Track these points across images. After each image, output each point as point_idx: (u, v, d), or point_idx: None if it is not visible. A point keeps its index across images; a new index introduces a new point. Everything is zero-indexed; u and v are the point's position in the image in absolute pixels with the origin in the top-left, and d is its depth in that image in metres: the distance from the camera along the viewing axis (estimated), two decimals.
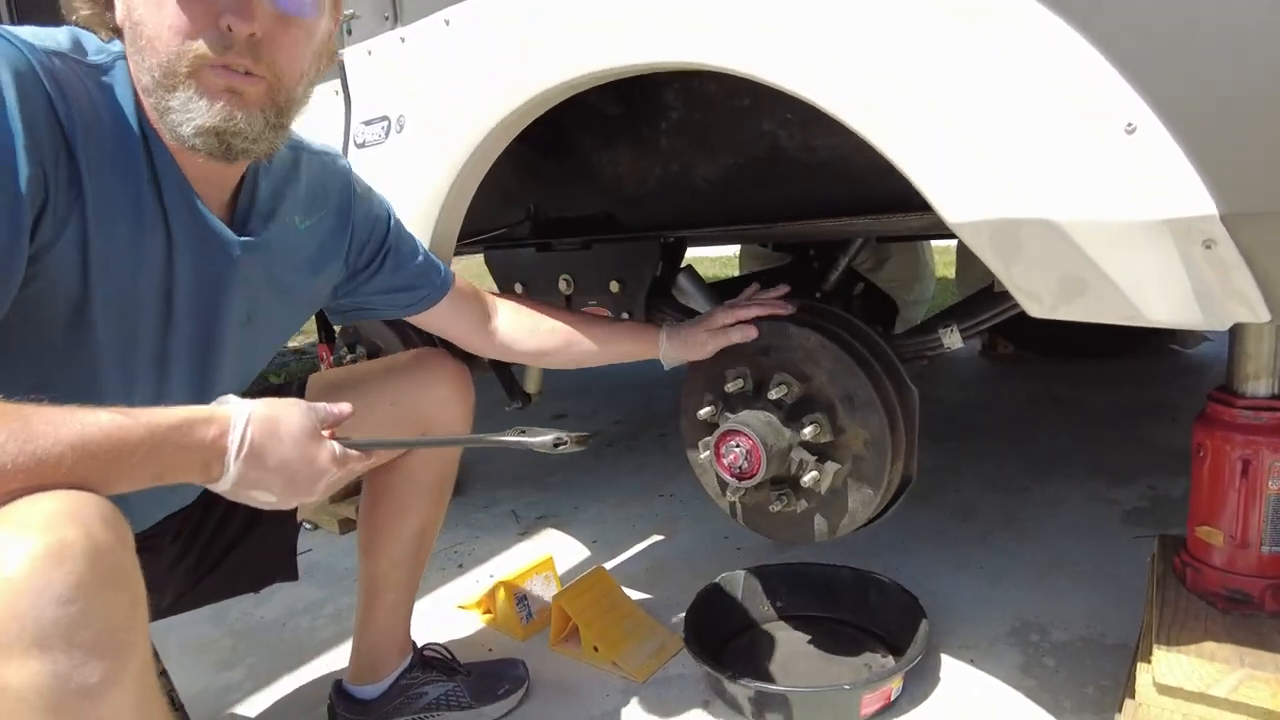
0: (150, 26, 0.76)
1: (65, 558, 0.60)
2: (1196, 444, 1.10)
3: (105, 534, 0.64)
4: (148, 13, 0.75)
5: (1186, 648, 1.01)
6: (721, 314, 1.29)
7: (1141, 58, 0.68)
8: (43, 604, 0.59)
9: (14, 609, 0.58)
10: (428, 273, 1.19)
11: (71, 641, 0.60)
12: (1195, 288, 0.71)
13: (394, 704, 1.31)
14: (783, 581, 1.59)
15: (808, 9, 0.84)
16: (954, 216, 0.79)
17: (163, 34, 0.75)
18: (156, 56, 0.76)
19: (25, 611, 0.59)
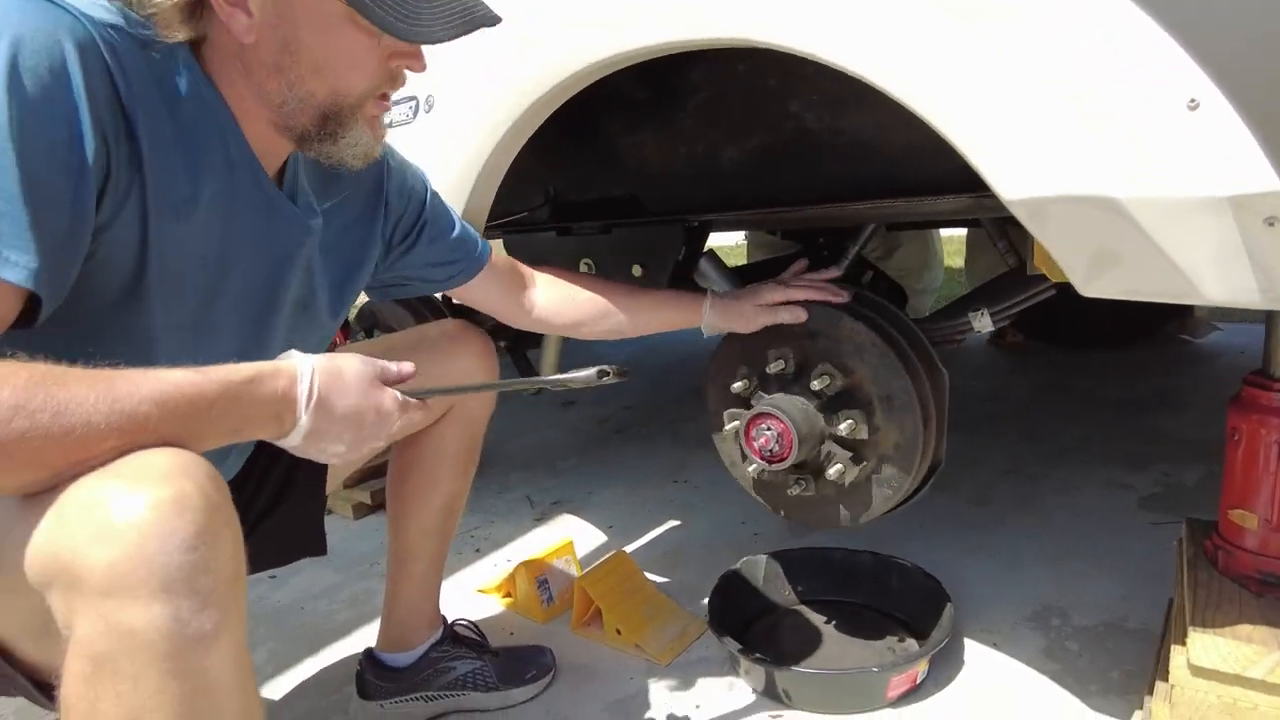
0: (318, 54, 0.79)
1: (187, 507, 0.62)
2: (1231, 427, 1.10)
3: (213, 487, 0.65)
4: (316, 41, 0.78)
5: (1221, 630, 1.01)
6: (772, 291, 1.28)
7: (1204, 32, 0.67)
8: (169, 550, 0.60)
9: (143, 553, 0.60)
10: (465, 245, 1.18)
11: (193, 588, 0.61)
12: (1254, 266, 0.70)
13: (423, 675, 1.31)
14: (804, 566, 1.59)
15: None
16: (1010, 194, 0.78)
17: (339, 66, 0.80)
18: (325, 83, 0.80)
19: (153, 556, 0.60)
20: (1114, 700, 1.25)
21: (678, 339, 3.95)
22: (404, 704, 1.31)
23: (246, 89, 0.82)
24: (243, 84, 0.81)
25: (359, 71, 0.82)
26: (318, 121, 0.83)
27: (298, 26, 0.78)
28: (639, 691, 1.36)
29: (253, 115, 0.83)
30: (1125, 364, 3.04)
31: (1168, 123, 0.69)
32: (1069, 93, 0.73)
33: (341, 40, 0.79)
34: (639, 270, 1.56)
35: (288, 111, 0.82)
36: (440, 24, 0.80)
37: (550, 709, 1.33)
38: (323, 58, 0.80)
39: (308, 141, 0.85)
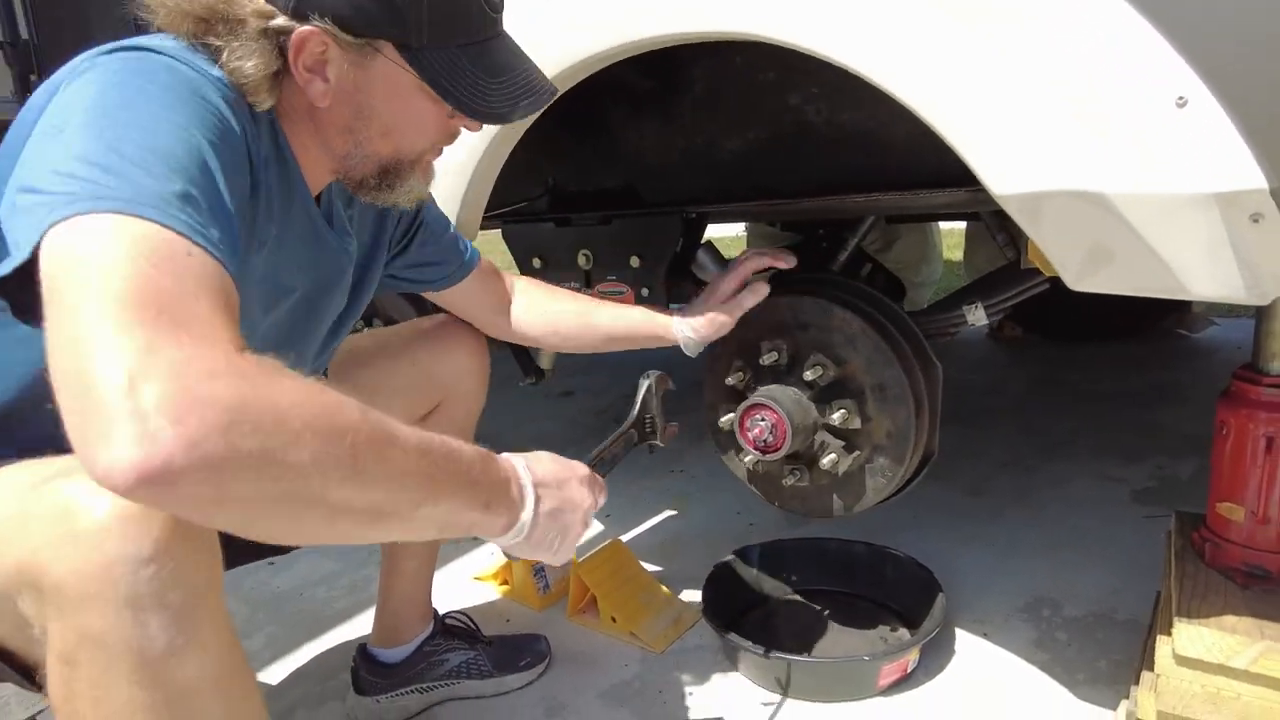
0: (388, 120, 0.83)
1: (152, 517, 0.60)
2: (1220, 421, 1.11)
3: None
4: (389, 109, 0.83)
5: (1206, 620, 1.03)
6: (725, 281, 1.25)
7: (1194, 30, 0.68)
8: (134, 564, 0.59)
9: (110, 569, 0.59)
10: (456, 248, 1.20)
11: (162, 601, 0.60)
12: (1239, 262, 0.71)
13: (417, 669, 1.33)
14: (798, 556, 1.61)
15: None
16: (1000, 189, 0.79)
17: (407, 130, 0.85)
18: (390, 143, 0.85)
19: (120, 571, 0.59)
20: (1101, 690, 1.27)
21: None
22: (400, 697, 1.32)
23: (312, 141, 0.86)
24: (309, 136, 0.85)
25: (424, 135, 0.88)
26: (377, 174, 0.88)
27: (372, 95, 0.82)
28: (634, 678, 1.38)
29: (313, 160, 0.88)
30: (1123, 358, 3.05)
31: (1156, 120, 0.70)
32: (1059, 89, 0.74)
33: (412, 108, 0.83)
34: (637, 261, 1.56)
35: (350, 164, 0.87)
36: (507, 102, 0.84)
37: (546, 696, 1.35)
38: (392, 123, 0.84)
39: (364, 189, 0.90)
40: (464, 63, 0.81)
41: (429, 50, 0.79)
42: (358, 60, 0.79)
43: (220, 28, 0.75)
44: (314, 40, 0.77)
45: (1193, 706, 0.97)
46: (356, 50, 0.78)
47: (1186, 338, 3.24)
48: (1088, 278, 0.84)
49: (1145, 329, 3.21)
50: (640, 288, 1.58)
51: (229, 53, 0.75)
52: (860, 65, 0.86)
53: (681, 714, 1.28)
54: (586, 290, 1.63)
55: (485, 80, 0.82)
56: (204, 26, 0.76)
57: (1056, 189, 0.76)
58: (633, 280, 1.59)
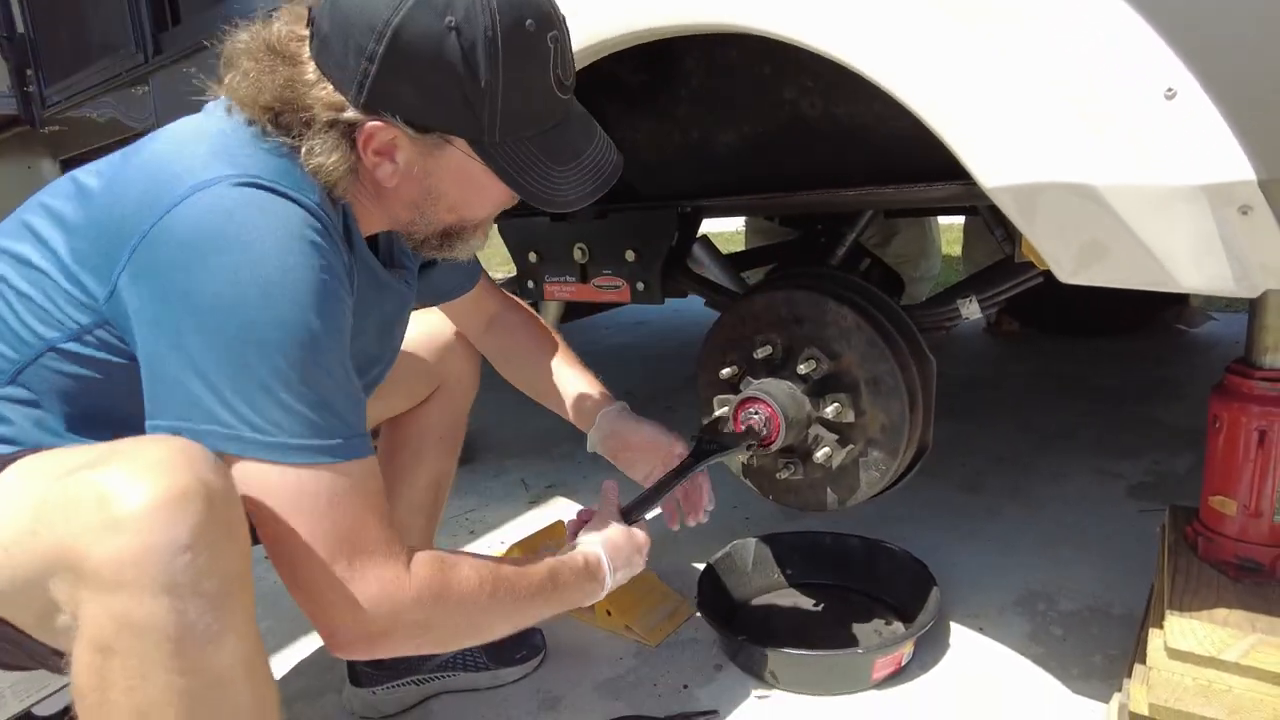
0: (455, 199, 0.86)
1: (191, 500, 0.62)
2: (1213, 415, 1.11)
3: (216, 478, 0.65)
4: (457, 190, 0.85)
5: (1198, 614, 1.03)
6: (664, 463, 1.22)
7: (1183, 22, 0.68)
8: (173, 551, 0.60)
9: (146, 551, 0.60)
10: (472, 261, 1.20)
11: (198, 589, 0.62)
12: (1228, 254, 0.71)
13: (412, 661, 1.33)
14: (794, 549, 1.61)
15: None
16: (990, 181, 0.79)
17: (472, 204, 0.88)
18: (455, 215, 0.88)
19: (159, 557, 0.60)
20: (1095, 684, 1.27)
21: (675, 326, 3.96)
22: (396, 689, 1.32)
23: (375, 207, 0.88)
24: (371, 203, 0.88)
25: (488, 207, 0.90)
26: (439, 237, 0.91)
27: (440, 179, 0.84)
28: (628, 672, 1.38)
29: (374, 221, 0.91)
30: (1120, 353, 3.05)
31: (1145, 112, 0.70)
32: (1047, 81, 0.74)
33: (478, 188, 0.85)
34: (632, 255, 1.57)
35: (413, 230, 0.90)
36: (574, 189, 0.86)
37: (541, 688, 1.35)
38: (459, 201, 0.87)
39: (425, 247, 0.92)
40: (533, 152, 0.82)
41: (499, 143, 0.81)
42: (427, 150, 0.81)
43: (289, 117, 0.78)
44: (383, 131, 0.79)
45: (1184, 699, 0.98)
46: (426, 142, 0.80)
47: (1184, 333, 3.24)
48: (1079, 271, 0.84)
49: (1143, 324, 3.21)
50: (636, 282, 1.58)
51: (306, 151, 0.78)
52: (848, 56, 0.86)
53: (676, 707, 1.28)
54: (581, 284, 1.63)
55: (554, 168, 0.84)
56: (273, 115, 0.78)
57: (1046, 181, 0.76)
58: (628, 275, 1.59)
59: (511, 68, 0.76)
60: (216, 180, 0.72)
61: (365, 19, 0.74)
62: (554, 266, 1.68)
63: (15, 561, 0.65)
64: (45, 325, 0.77)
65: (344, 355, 0.77)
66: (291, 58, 0.79)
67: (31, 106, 2.89)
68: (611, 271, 1.62)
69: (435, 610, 0.77)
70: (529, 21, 0.76)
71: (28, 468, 0.71)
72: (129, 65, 2.31)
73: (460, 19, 0.73)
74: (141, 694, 0.61)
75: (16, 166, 3.24)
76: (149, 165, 0.77)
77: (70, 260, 0.76)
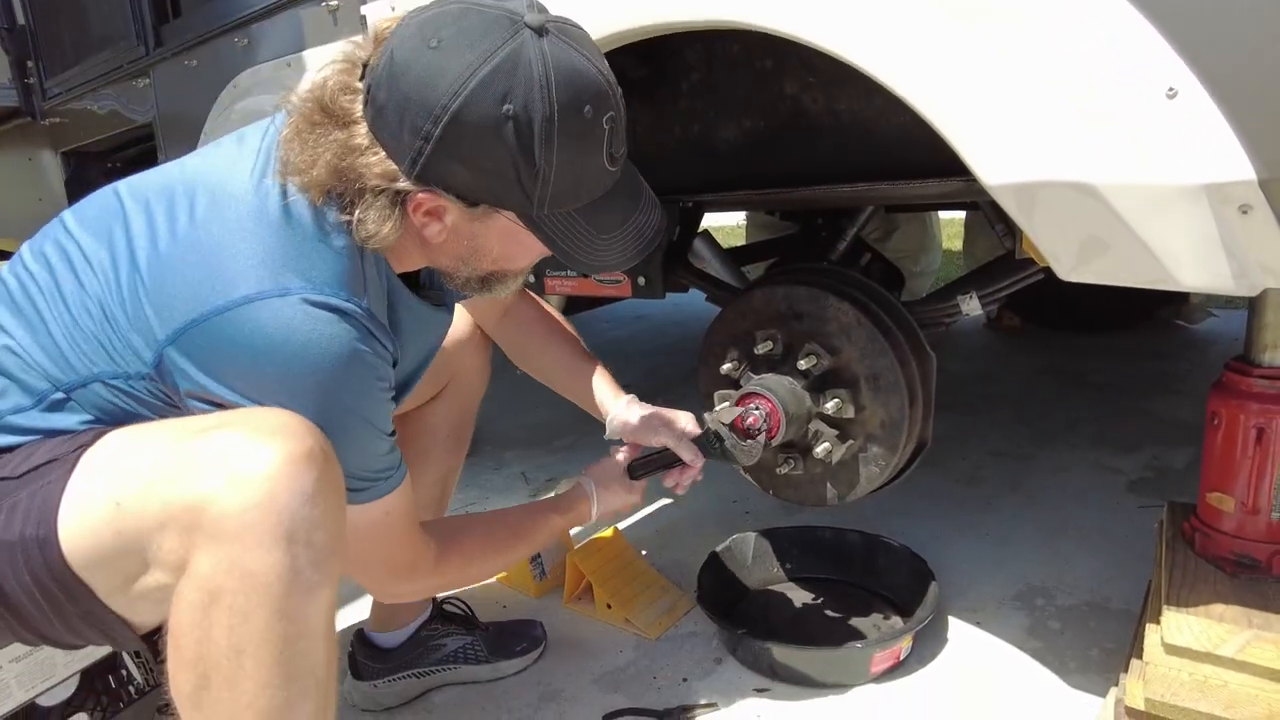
0: (499, 254, 0.87)
1: (313, 463, 0.69)
2: (1211, 412, 1.11)
3: (327, 447, 0.72)
4: (502, 248, 0.87)
5: (1195, 609, 1.04)
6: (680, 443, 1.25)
7: (1185, 21, 0.68)
8: (297, 502, 0.67)
9: (274, 503, 0.66)
10: None
11: (310, 540, 0.68)
12: (1227, 253, 0.72)
13: (413, 654, 1.34)
14: (793, 544, 1.61)
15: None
16: (991, 179, 0.79)
17: (516, 259, 0.89)
18: (496, 267, 0.89)
19: (283, 507, 0.67)
20: (1092, 678, 1.28)
21: (675, 321, 3.96)
22: (397, 682, 1.33)
23: (419, 253, 0.89)
24: (416, 251, 0.89)
25: (530, 259, 0.91)
26: (480, 281, 0.91)
27: (487, 240, 0.85)
28: (628, 664, 1.39)
29: (416, 261, 0.92)
30: (1120, 349, 3.05)
31: (1147, 111, 0.70)
32: (1049, 80, 0.74)
33: (524, 245, 0.86)
34: None
35: (454, 275, 0.90)
36: (617, 256, 0.87)
37: (541, 681, 1.36)
38: (502, 256, 0.88)
39: (466, 287, 0.92)
40: (579, 223, 0.83)
41: (548, 216, 0.81)
42: (475, 216, 0.82)
43: (343, 187, 0.78)
44: (434, 200, 0.80)
45: (1180, 694, 0.98)
46: (476, 211, 0.81)
47: (1184, 329, 3.24)
48: (1079, 268, 0.84)
49: (1143, 320, 3.21)
50: (637, 277, 1.58)
51: (359, 221, 0.78)
52: (851, 54, 0.86)
53: (675, 700, 1.29)
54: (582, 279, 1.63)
55: (599, 237, 0.84)
56: (328, 189, 0.79)
57: (1047, 179, 0.76)
58: (630, 269, 1.59)
59: (566, 151, 0.76)
60: (274, 294, 0.76)
61: (424, 100, 0.73)
62: (555, 261, 1.68)
63: (126, 519, 0.69)
64: (97, 359, 0.80)
65: (383, 420, 0.86)
66: (344, 117, 0.78)
67: (32, 98, 2.89)
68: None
69: (453, 576, 1.02)
70: (587, 108, 0.75)
71: (135, 435, 0.76)
72: (130, 58, 2.31)
73: (519, 107, 0.73)
74: (242, 633, 0.67)
75: (17, 158, 3.24)
76: (207, 247, 0.78)
77: (118, 309, 0.79)
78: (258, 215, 0.79)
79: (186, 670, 0.68)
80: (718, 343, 1.39)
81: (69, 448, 0.76)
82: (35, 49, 2.82)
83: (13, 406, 0.81)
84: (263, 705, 0.68)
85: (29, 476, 0.75)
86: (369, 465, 0.85)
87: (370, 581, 0.97)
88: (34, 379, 0.80)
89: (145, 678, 1.13)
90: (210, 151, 0.88)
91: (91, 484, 0.72)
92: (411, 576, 0.97)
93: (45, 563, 0.72)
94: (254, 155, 0.84)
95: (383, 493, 0.87)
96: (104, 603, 0.74)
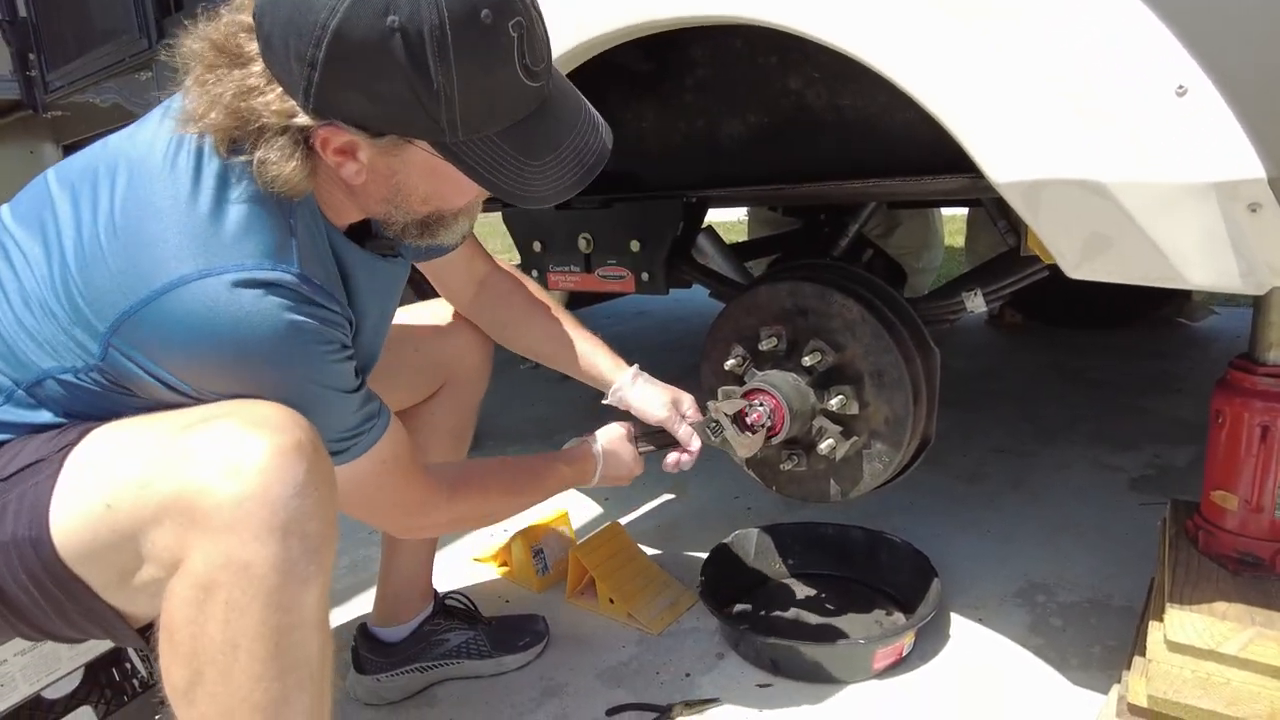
0: (427, 191, 0.82)
1: (304, 454, 0.69)
2: (1215, 410, 1.11)
3: (317, 439, 0.72)
4: (427, 185, 0.81)
5: (1198, 607, 1.04)
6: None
7: (1195, 19, 0.68)
8: (290, 493, 0.67)
9: (267, 495, 0.66)
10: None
11: (304, 531, 0.68)
12: (1235, 251, 0.72)
13: (416, 649, 1.34)
14: (796, 540, 1.62)
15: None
16: (999, 176, 0.79)
17: (448, 195, 0.84)
18: (429, 207, 0.85)
19: (277, 497, 0.66)
20: (1094, 674, 1.28)
21: (676, 316, 3.96)
22: (400, 676, 1.33)
23: (349, 202, 0.85)
24: (345, 199, 0.85)
25: (466, 195, 0.86)
26: (418, 226, 0.87)
27: (408, 175, 0.80)
28: (631, 659, 1.39)
29: (350, 213, 0.88)
30: (1122, 346, 3.05)
31: (1156, 108, 0.70)
32: (1059, 77, 0.74)
33: (450, 182, 0.80)
34: (637, 245, 1.57)
35: (390, 221, 0.86)
36: (551, 184, 0.80)
37: (544, 675, 1.36)
38: (432, 194, 0.83)
39: (406, 236, 0.88)
40: (503, 150, 0.76)
41: (464, 143, 0.75)
42: (388, 149, 0.77)
43: (241, 132, 0.75)
44: (339, 134, 0.75)
45: (1183, 691, 0.99)
46: (386, 143, 0.76)
47: (1187, 326, 3.24)
48: (1085, 266, 0.84)
49: (1146, 317, 3.21)
50: (640, 272, 1.58)
51: (260, 162, 0.74)
52: (859, 50, 0.86)
53: (678, 694, 1.29)
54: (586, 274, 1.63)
55: (528, 163, 0.78)
56: (227, 133, 0.75)
57: (1056, 177, 0.76)
58: (633, 265, 1.59)
59: (467, 65, 0.69)
60: (194, 278, 0.73)
61: (304, 21, 0.68)
62: (558, 256, 1.68)
63: (118, 515, 0.69)
64: (42, 356, 0.77)
65: (343, 380, 0.83)
66: (238, 56, 0.75)
67: (34, 91, 2.88)
68: (616, 261, 1.61)
69: (469, 510, 1.04)
70: (484, 12, 0.68)
71: (120, 431, 0.75)
72: (132, 50, 2.30)
73: (404, 18, 0.66)
74: (236, 626, 0.66)
75: (19, 151, 3.23)
76: (127, 233, 0.75)
77: (55, 304, 0.76)
78: (172, 193, 0.75)
79: (181, 665, 0.68)
80: (722, 338, 1.39)
81: (53, 447, 0.75)
82: (37, 41, 2.81)
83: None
84: (258, 699, 0.68)
85: (16, 477, 0.74)
86: (345, 425, 0.84)
87: (386, 523, 1.01)
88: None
89: (149, 671, 1.13)
90: (136, 126, 0.83)
91: (81, 482, 0.72)
92: (426, 512, 0.98)
93: (40, 562, 0.71)
94: (171, 128, 0.79)
95: (369, 445, 0.87)
96: (101, 598, 0.74)
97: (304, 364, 0.78)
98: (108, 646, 1.07)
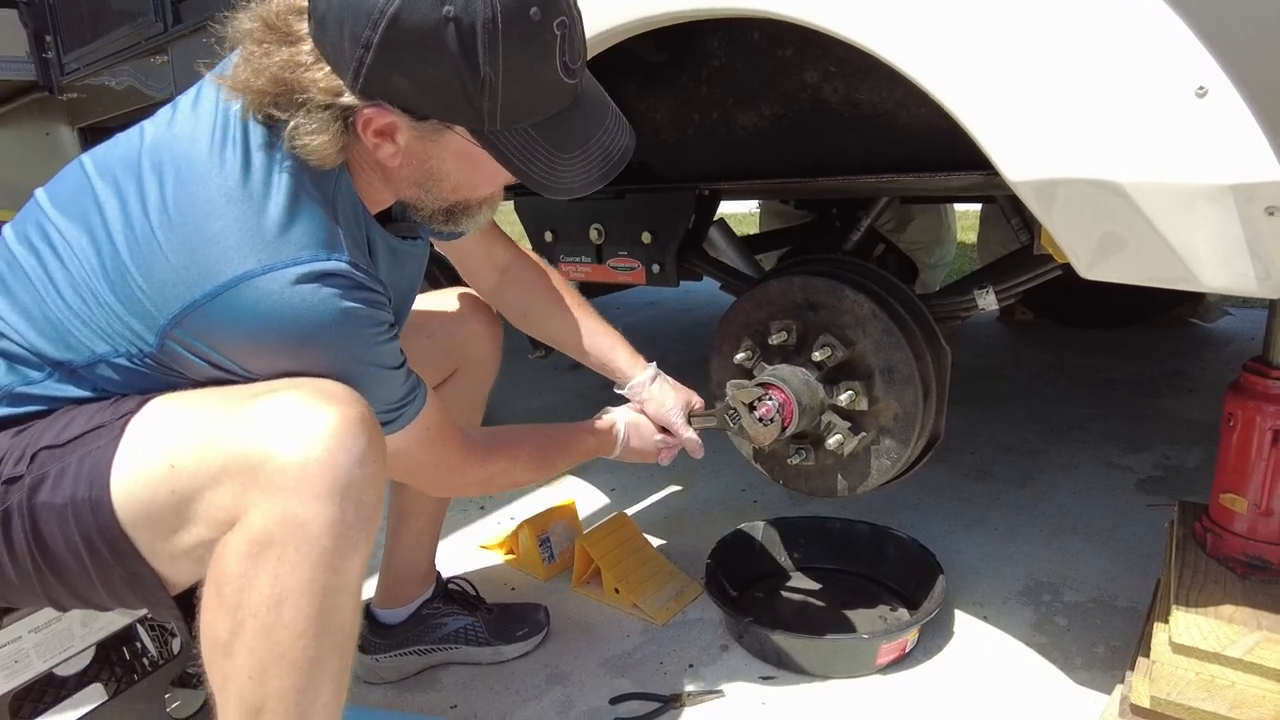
0: (459, 179, 0.86)
1: (366, 427, 0.73)
2: (1228, 413, 1.11)
3: (373, 416, 0.76)
4: (460, 172, 0.85)
5: (1204, 609, 1.04)
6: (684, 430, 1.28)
7: (1217, 19, 0.67)
8: (351, 461, 0.71)
9: (331, 459, 0.70)
10: None
11: (360, 499, 0.71)
12: (1252, 254, 0.71)
13: (415, 631, 1.35)
14: (801, 534, 1.62)
15: None
16: (1015, 175, 0.79)
17: (478, 184, 0.88)
18: (458, 195, 0.89)
19: (340, 463, 0.70)
20: (1097, 674, 1.28)
21: (686, 308, 3.96)
22: (399, 658, 1.35)
23: (382, 185, 0.89)
24: (378, 181, 0.88)
25: (494, 184, 0.90)
26: (445, 213, 0.91)
27: (443, 161, 0.84)
28: (635, 649, 1.40)
29: (382, 196, 0.91)
30: (1133, 346, 3.03)
31: (1175, 109, 0.69)
32: (1076, 75, 0.73)
33: (482, 170, 0.84)
34: (649, 237, 1.57)
35: (419, 206, 0.90)
36: (580, 177, 0.85)
37: (548, 664, 1.37)
38: (463, 181, 0.87)
39: (433, 220, 0.92)
40: (537, 140, 0.80)
41: (501, 132, 0.79)
42: (427, 134, 0.80)
43: (285, 100, 0.77)
44: (381, 116, 0.78)
45: (1187, 693, 0.99)
46: (426, 127, 0.79)
47: (1199, 327, 3.21)
48: (1099, 266, 0.83)
49: (1157, 317, 3.19)
50: (651, 264, 1.58)
51: (293, 128, 0.77)
52: (876, 46, 0.86)
53: (681, 685, 1.30)
54: (596, 265, 1.63)
55: (558, 156, 0.82)
56: (269, 99, 0.77)
57: (1071, 176, 0.76)
58: (644, 256, 1.59)
59: (513, 58, 0.73)
60: (259, 272, 0.76)
61: (360, 4, 0.71)
62: (569, 246, 1.68)
63: (180, 475, 0.72)
64: (97, 339, 0.80)
65: (391, 358, 0.87)
66: (289, 35, 0.77)
67: (50, 73, 2.89)
68: (627, 253, 1.61)
69: (501, 469, 1.07)
70: (534, 10, 0.72)
71: (183, 400, 0.78)
72: (148, 34, 2.31)
73: (459, 8, 0.70)
74: (286, 581, 0.69)
75: (34, 132, 3.25)
76: (185, 229, 0.77)
77: (109, 294, 0.78)
78: (224, 189, 0.78)
79: (226, 617, 0.70)
80: (732, 331, 1.39)
81: (113, 414, 0.77)
82: (54, 23, 2.82)
83: (23, 379, 0.81)
84: (295, 656, 0.70)
85: (75, 443, 0.76)
86: (393, 398, 0.89)
87: (428, 483, 1.06)
88: (30, 364, 0.81)
89: (159, 651, 1.14)
90: (168, 118, 0.84)
91: (145, 445, 0.74)
92: (464, 471, 1.03)
93: (96, 523, 0.74)
94: (211, 120, 0.81)
95: (414, 414, 0.92)
96: (148, 561, 0.76)
97: (358, 346, 0.82)
98: (120, 625, 1.09)
